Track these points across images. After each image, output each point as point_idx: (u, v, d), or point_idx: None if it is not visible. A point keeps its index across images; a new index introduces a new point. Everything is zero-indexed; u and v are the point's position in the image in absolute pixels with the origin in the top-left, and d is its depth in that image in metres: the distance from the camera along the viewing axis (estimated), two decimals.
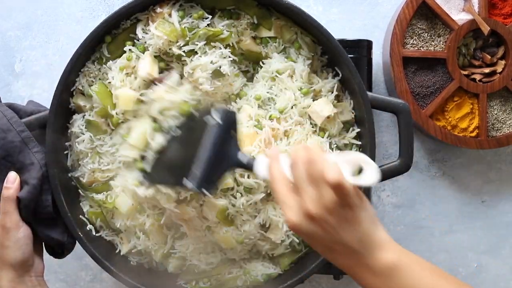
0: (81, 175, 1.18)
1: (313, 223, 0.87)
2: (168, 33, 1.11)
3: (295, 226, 0.88)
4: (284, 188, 0.90)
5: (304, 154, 0.89)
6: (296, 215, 0.88)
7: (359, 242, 0.87)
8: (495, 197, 1.39)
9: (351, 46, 1.25)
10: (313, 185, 0.87)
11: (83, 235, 1.13)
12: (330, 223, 0.87)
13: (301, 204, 0.87)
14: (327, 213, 0.86)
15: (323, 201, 0.86)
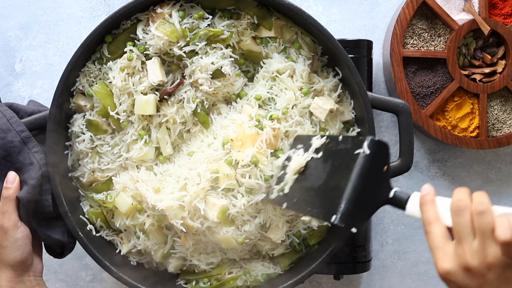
0: (81, 175, 1.18)
1: (469, 276, 0.82)
2: (168, 33, 1.11)
3: (448, 274, 0.84)
4: (440, 233, 0.86)
5: (470, 202, 0.84)
6: (451, 263, 0.83)
7: None
8: (495, 197, 1.39)
9: (351, 46, 1.25)
10: (478, 238, 0.82)
11: (83, 235, 1.13)
12: (488, 280, 0.82)
13: (459, 253, 0.83)
14: (487, 269, 0.81)
15: (485, 256, 0.81)
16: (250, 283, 1.16)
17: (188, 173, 1.12)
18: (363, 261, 1.27)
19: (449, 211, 0.86)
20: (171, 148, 1.16)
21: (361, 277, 1.38)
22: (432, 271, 1.38)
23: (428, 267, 1.38)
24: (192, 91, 1.15)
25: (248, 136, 1.11)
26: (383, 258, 1.38)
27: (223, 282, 1.17)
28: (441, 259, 0.84)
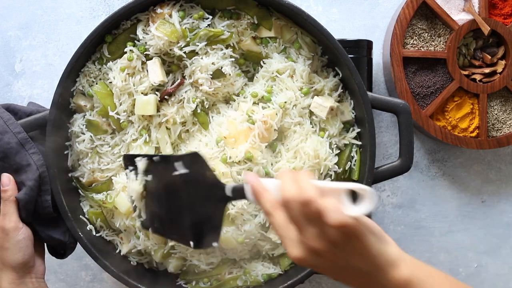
0: (80, 175, 1.18)
1: (320, 257, 0.84)
2: (168, 34, 1.11)
3: (301, 261, 0.84)
4: (281, 221, 0.85)
5: (295, 191, 0.83)
6: (299, 250, 0.84)
7: (371, 265, 0.84)
8: (495, 197, 1.39)
9: (351, 46, 1.25)
10: (313, 224, 0.83)
11: (83, 235, 1.13)
12: (339, 256, 0.83)
13: (304, 240, 0.84)
14: (334, 247, 0.83)
15: (327, 237, 0.82)
16: (250, 283, 1.16)
17: None
18: None
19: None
20: (171, 148, 1.16)
21: None
22: None
23: None
24: (192, 91, 1.15)
25: (241, 132, 1.11)
26: None
27: (223, 282, 1.17)
28: (290, 247, 0.85)
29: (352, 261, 0.83)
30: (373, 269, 0.84)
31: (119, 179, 1.15)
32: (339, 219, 0.80)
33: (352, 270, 0.84)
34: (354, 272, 0.84)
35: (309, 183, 0.84)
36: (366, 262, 0.83)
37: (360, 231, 0.82)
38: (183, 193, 0.96)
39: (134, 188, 1.05)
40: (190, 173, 0.95)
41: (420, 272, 0.85)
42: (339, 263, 0.84)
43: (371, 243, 0.83)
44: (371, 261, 0.83)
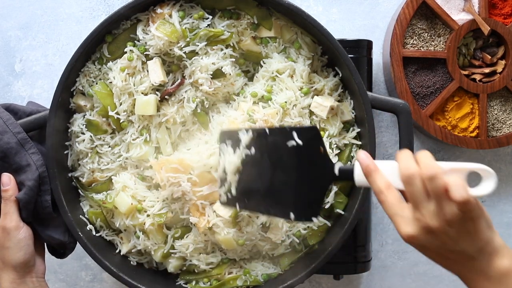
0: (80, 175, 1.18)
1: (432, 236, 0.85)
2: (168, 34, 1.11)
3: (412, 238, 0.86)
4: (394, 200, 0.87)
5: (419, 168, 0.85)
6: (413, 227, 0.86)
7: (478, 250, 0.86)
8: (495, 197, 1.39)
9: (351, 46, 1.25)
10: (434, 200, 0.84)
11: (83, 235, 1.13)
12: (450, 236, 0.85)
13: (418, 217, 0.85)
14: (448, 226, 0.85)
15: (444, 215, 0.84)
16: (250, 283, 1.16)
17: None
18: (363, 261, 1.27)
19: (397, 175, 0.88)
20: (171, 148, 1.16)
21: (361, 277, 1.38)
22: (432, 271, 1.38)
23: (428, 267, 1.38)
24: (192, 91, 1.15)
25: None
26: (383, 258, 1.38)
27: (223, 282, 1.17)
28: (402, 225, 0.87)
29: (461, 243, 0.85)
30: (479, 254, 0.86)
31: (119, 179, 1.16)
32: (464, 196, 0.82)
33: (457, 253, 0.86)
34: (459, 256, 0.87)
35: (432, 160, 0.85)
36: (474, 246, 0.85)
37: (477, 213, 0.85)
38: (291, 166, 0.96)
39: (231, 161, 1.04)
40: (304, 145, 0.95)
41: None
42: (448, 244, 0.86)
43: (482, 228, 0.86)
44: (479, 246, 0.86)
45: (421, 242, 0.86)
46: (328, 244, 1.14)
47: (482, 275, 0.87)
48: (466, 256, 0.87)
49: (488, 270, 0.87)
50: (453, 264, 0.89)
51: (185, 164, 1.10)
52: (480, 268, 0.87)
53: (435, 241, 0.86)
